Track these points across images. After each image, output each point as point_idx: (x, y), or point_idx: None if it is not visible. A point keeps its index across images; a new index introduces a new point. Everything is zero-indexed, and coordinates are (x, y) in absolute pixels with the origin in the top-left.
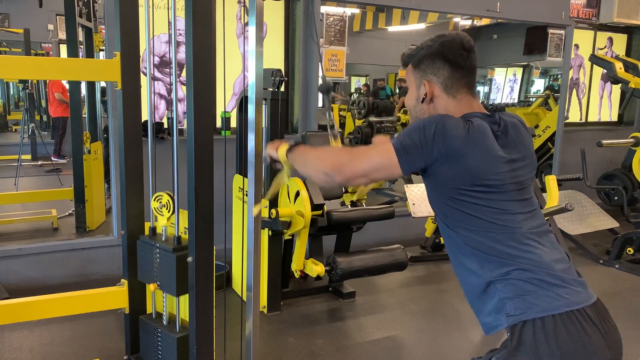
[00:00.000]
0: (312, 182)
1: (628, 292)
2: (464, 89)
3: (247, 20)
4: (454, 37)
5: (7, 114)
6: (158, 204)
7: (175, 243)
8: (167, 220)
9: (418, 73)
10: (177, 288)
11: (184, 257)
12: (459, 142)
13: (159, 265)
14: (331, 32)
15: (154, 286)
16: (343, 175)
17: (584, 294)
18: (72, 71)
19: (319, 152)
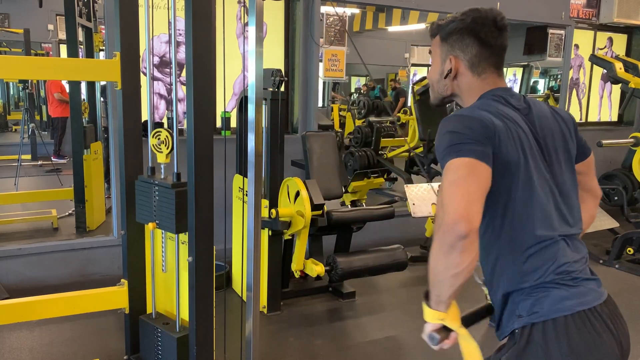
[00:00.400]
0: (313, 184)
1: (628, 292)
2: (491, 69)
3: (247, 20)
4: (487, 13)
5: (7, 114)
6: (157, 140)
7: (174, 179)
8: (166, 157)
9: (445, 47)
10: (176, 224)
11: (184, 193)
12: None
13: (157, 203)
14: (331, 32)
15: (153, 225)
16: (457, 225)
17: (596, 293)
18: (72, 71)
19: (434, 251)
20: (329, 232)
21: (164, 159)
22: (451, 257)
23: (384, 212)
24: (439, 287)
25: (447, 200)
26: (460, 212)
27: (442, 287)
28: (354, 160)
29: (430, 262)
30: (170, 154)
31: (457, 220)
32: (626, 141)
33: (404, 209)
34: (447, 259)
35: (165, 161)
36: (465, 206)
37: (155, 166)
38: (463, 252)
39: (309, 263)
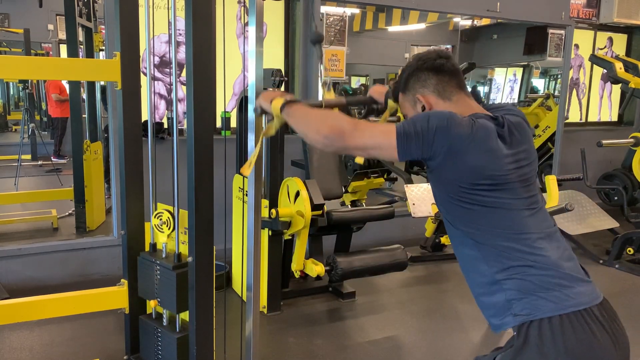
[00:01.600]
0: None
1: (628, 292)
2: (456, 90)
3: (247, 20)
4: (429, 51)
5: (7, 114)
6: (158, 220)
7: (176, 260)
8: (167, 237)
9: (409, 94)
10: (177, 305)
11: (184, 275)
12: (461, 140)
13: (159, 282)
14: (331, 32)
15: (155, 302)
16: (343, 142)
17: (592, 294)
18: (72, 71)
19: (321, 114)
20: (329, 232)
21: (165, 240)
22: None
23: (384, 212)
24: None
25: (364, 131)
26: (353, 142)
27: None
28: (354, 160)
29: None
30: (171, 235)
31: (347, 146)
32: (626, 141)
33: (404, 209)
34: (316, 134)
35: (166, 242)
36: (362, 146)
37: (157, 242)
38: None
39: (309, 263)
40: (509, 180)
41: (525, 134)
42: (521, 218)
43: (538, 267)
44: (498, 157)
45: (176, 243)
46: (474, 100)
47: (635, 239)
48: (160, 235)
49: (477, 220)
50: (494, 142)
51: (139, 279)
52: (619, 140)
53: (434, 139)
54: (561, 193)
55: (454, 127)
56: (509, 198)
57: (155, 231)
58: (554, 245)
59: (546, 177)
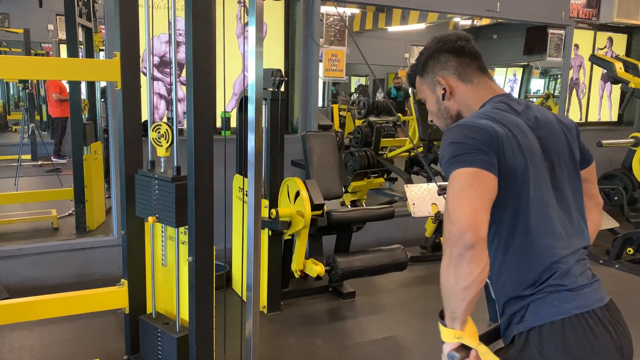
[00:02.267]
0: (313, 184)
1: (628, 292)
2: (478, 73)
3: (247, 20)
4: (448, 34)
5: (7, 114)
6: (156, 134)
7: (174, 173)
8: (166, 150)
9: (428, 77)
10: (176, 218)
11: (183, 187)
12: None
13: (157, 197)
14: (331, 32)
15: (153, 219)
16: (464, 235)
17: (596, 296)
18: (72, 71)
19: (443, 265)
20: (329, 232)
21: (163, 153)
22: (460, 268)
23: (384, 212)
24: (452, 303)
25: (453, 211)
26: (466, 222)
27: (455, 302)
28: (354, 160)
29: (441, 278)
30: (170, 148)
31: (464, 230)
32: (626, 141)
33: (404, 209)
34: (457, 270)
35: (165, 155)
36: (471, 215)
37: (155, 160)
38: (472, 261)
39: (309, 263)
40: (536, 167)
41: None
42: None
43: (550, 278)
44: (525, 152)
45: (174, 157)
46: (495, 82)
47: (635, 239)
48: (158, 149)
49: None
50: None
51: (137, 197)
52: (619, 140)
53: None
54: None
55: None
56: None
57: (154, 146)
58: (563, 253)
59: None
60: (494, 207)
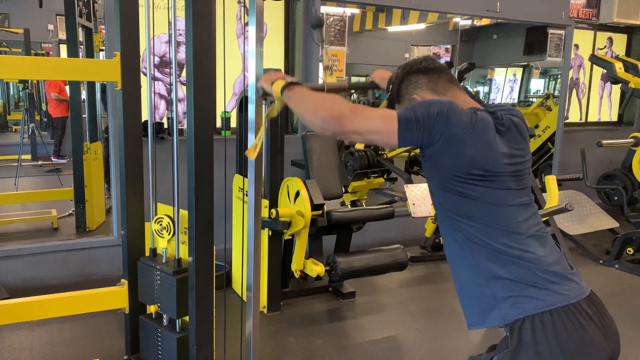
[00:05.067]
0: (313, 184)
1: (628, 292)
2: (450, 85)
3: (247, 20)
4: (414, 59)
5: (7, 114)
6: (159, 226)
7: (176, 266)
8: (168, 242)
9: (405, 101)
10: (177, 310)
11: (184, 280)
12: (460, 128)
13: (159, 287)
14: (331, 32)
15: (155, 308)
16: (340, 126)
17: (578, 289)
18: (72, 71)
19: (320, 97)
20: (329, 232)
21: (165, 245)
22: (315, 118)
23: (384, 212)
24: (302, 101)
25: (362, 115)
26: (351, 126)
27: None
28: (354, 160)
29: (311, 102)
30: (172, 240)
31: (345, 130)
32: (626, 141)
33: (404, 209)
34: (313, 116)
35: (166, 247)
36: (359, 131)
37: (157, 247)
38: (322, 126)
39: (309, 263)
40: (502, 174)
41: (524, 135)
42: (512, 214)
43: (526, 264)
44: (494, 150)
45: (176, 248)
46: (467, 94)
47: (635, 239)
48: (160, 240)
49: (469, 212)
50: (492, 135)
51: (139, 283)
52: (619, 140)
53: (434, 125)
54: (561, 193)
55: (454, 115)
56: (500, 191)
57: (156, 236)
58: (542, 244)
59: (546, 177)
60: (459, 201)
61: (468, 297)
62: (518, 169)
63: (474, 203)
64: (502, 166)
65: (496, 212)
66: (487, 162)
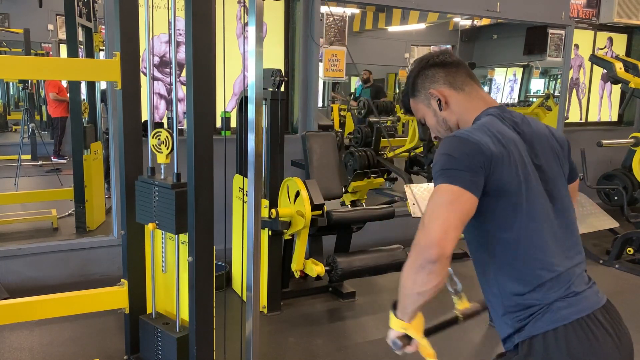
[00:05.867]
0: (313, 184)
1: (628, 292)
2: (468, 80)
3: (247, 20)
4: (428, 53)
5: (7, 114)
6: (157, 140)
7: (174, 180)
8: (166, 157)
9: (421, 95)
10: (176, 225)
11: (184, 194)
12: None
13: (157, 204)
14: (331, 32)
15: (153, 225)
16: (430, 249)
17: (593, 299)
18: (72, 71)
19: (406, 265)
20: (329, 232)
21: (164, 160)
22: (419, 276)
23: (384, 212)
24: (405, 300)
25: (428, 222)
26: (435, 237)
27: (408, 300)
28: (354, 160)
29: (402, 275)
30: (170, 154)
31: (431, 244)
32: (626, 141)
33: (404, 209)
34: (416, 276)
35: (165, 161)
36: (442, 232)
37: (155, 166)
38: (430, 274)
39: (309, 263)
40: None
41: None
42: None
43: (547, 290)
44: (516, 167)
45: (174, 163)
46: (485, 91)
47: (635, 239)
48: (158, 156)
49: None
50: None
51: (137, 204)
52: (619, 140)
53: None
54: None
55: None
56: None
57: (154, 152)
58: (567, 259)
59: None
60: (489, 222)
61: (498, 320)
62: (544, 182)
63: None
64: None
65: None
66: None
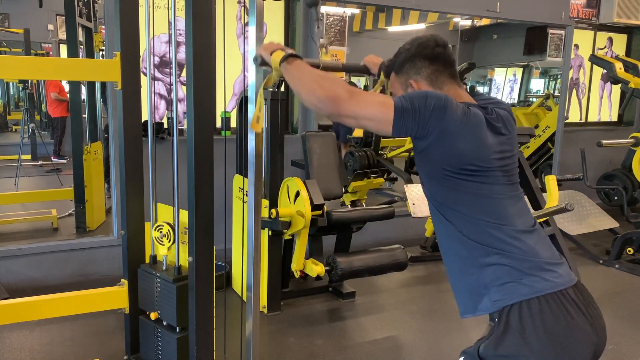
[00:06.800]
0: (313, 184)
1: (628, 292)
2: (449, 80)
3: (247, 20)
4: (428, 37)
5: (7, 114)
6: (159, 233)
7: (176, 273)
8: (168, 249)
9: (402, 77)
10: (177, 318)
11: (185, 288)
12: (455, 123)
13: (159, 295)
14: (331, 32)
15: (155, 315)
16: (336, 108)
17: (566, 277)
18: (72, 71)
19: (319, 76)
20: (329, 232)
21: (165, 252)
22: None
23: (384, 212)
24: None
25: (359, 100)
26: (346, 110)
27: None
28: (354, 160)
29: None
30: (172, 247)
31: (340, 113)
32: (626, 141)
33: (404, 209)
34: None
35: (166, 254)
36: (354, 115)
37: (157, 255)
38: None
39: (309, 263)
40: (492, 169)
41: (511, 128)
42: (503, 207)
43: (515, 254)
44: (485, 145)
45: (176, 255)
46: (464, 90)
47: (635, 239)
48: (160, 247)
49: (459, 205)
50: (484, 131)
51: (139, 290)
52: (619, 140)
53: (430, 117)
54: (561, 193)
55: (450, 109)
56: (490, 185)
57: (156, 243)
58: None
59: (546, 177)
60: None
61: (459, 286)
62: (507, 162)
63: (465, 196)
64: (492, 161)
65: (487, 205)
66: (478, 158)
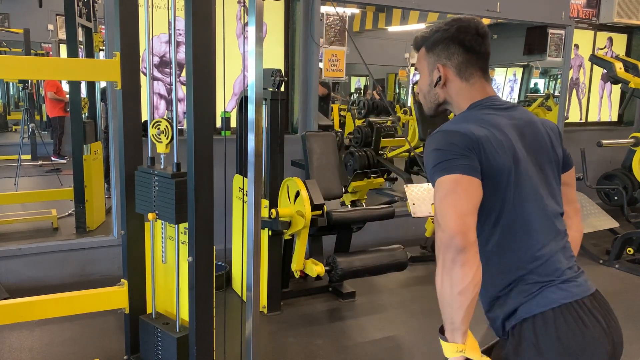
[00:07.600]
0: (313, 184)
1: (628, 292)
2: (478, 73)
3: (247, 20)
4: (470, 23)
5: (7, 114)
6: (156, 130)
7: (174, 169)
8: (166, 147)
9: (432, 57)
10: (176, 215)
11: (183, 183)
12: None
13: (157, 193)
14: (331, 32)
15: (153, 215)
16: (452, 240)
17: (582, 286)
18: (72, 71)
19: (437, 273)
20: (329, 232)
21: (163, 149)
22: (454, 272)
23: (384, 212)
24: (450, 312)
25: (441, 218)
26: (454, 227)
27: (453, 310)
28: (354, 160)
29: (437, 287)
30: (170, 144)
31: (453, 235)
32: (626, 141)
33: (404, 209)
34: (451, 275)
35: (165, 151)
36: (458, 220)
37: (155, 156)
38: (464, 265)
39: (309, 263)
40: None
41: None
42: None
43: (537, 274)
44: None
45: (174, 153)
46: (490, 84)
47: (635, 239)
48: (158, 145)
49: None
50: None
51: (137, 194)
52: (619, 140)
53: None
54: None
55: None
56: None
57: (154, 142)
58: (556, 243)
59: None
60: (480, 208)
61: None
62: (537, 169)
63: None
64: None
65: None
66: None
